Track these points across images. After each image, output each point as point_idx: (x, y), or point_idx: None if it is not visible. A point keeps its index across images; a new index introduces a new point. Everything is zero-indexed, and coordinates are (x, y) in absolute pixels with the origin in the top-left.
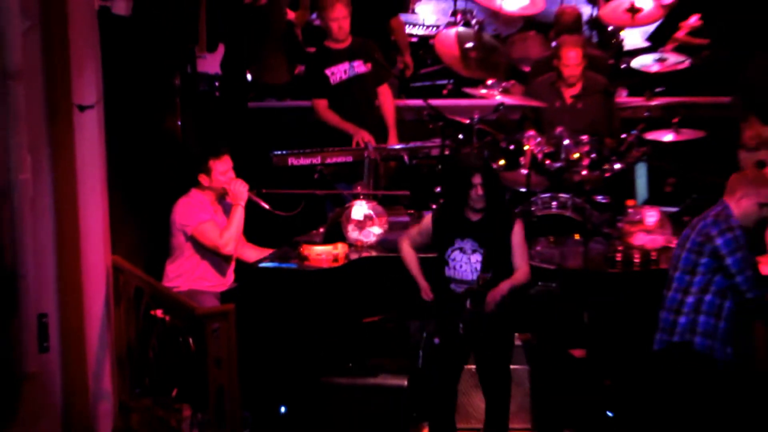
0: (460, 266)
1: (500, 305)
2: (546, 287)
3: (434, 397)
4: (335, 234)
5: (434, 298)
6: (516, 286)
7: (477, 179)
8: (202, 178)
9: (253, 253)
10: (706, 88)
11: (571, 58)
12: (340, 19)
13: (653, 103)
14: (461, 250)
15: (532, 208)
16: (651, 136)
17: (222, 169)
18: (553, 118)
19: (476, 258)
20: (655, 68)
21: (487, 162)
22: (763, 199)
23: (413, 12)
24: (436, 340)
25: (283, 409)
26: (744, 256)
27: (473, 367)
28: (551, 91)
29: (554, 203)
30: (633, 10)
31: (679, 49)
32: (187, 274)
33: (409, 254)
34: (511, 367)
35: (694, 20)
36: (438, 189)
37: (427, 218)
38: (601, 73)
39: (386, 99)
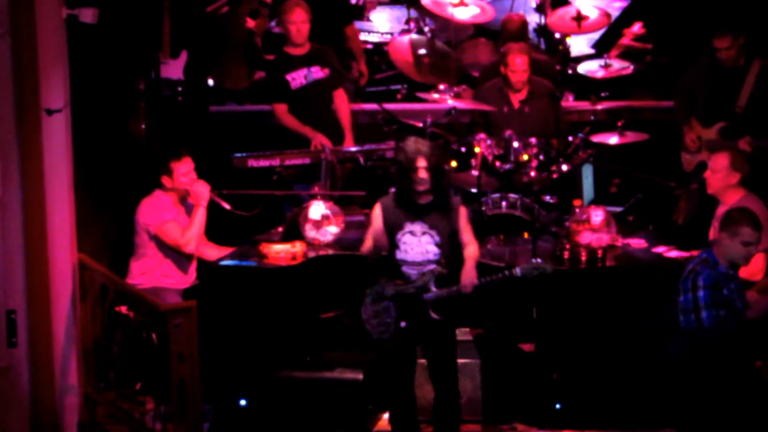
0: (411, 248)
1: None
2: (540, 269)
3: (393, 390)
4: (293, 233)
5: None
6: (476, 260)
7: (421, 162)
8: (165, 180)
9: (213, 252)
10: (649, 91)
11: (518, 65)
12: (298, 23)
13: (599, 107)
14: (411, 233)
15: (483, 208)
16: (597, 138)
17: (183, 170)
18: (501, 122)
19: (426, 240)
20: (600, 74)
21: (432, 146)
22: (747, 238)
23: (368, 20)
24: (403, 324)
25: (242, 402)
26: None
27: (425, 360)
28: (499, 96)
29: (504, 203)
30: (579, 18)
31: (624, 55)
32: (150, 272)
33: (367, 245)
34: (463, 360)
35: (637, 28)
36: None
37: (375, 207)
38: (548, 78)
39: (342, 103)
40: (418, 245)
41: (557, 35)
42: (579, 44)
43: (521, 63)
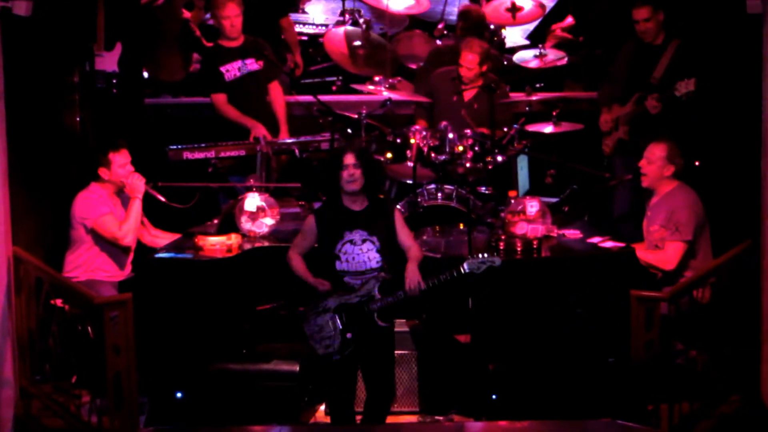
0: (353, 258)
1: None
2: (488, 262)
3: (335, 389)
4: (229, 225)
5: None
6: (419, 261)
7: (349, 159)
8: (102, 171)
9: (162, 240)
10: (583, 83)
11: (468, 61)
12: (232, 17)
13: (534, 98)
14: (351, 242)
15: (419, 199)
16: (532, 128)
17: (121, 161)
18: (448, 110)
19: (368, 247)
20: (534, 63)
21: (360, 144)
22: None
23: (303, 12)
24: (349, 335)
25: (179, 395)
26: None
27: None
28: (450, 85)
29: (440, 194)
30: (513, 9)
31: (558, 46)
32: (86, 265)
33: (296, 261)
34: (400, 351)
35: (568, 21)
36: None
37: (309, 220)
38: (494, 72)
39: (277, 95)
40: (359, 254)
41: (492, 26)
42: (514, 35)
43: (471, 60)
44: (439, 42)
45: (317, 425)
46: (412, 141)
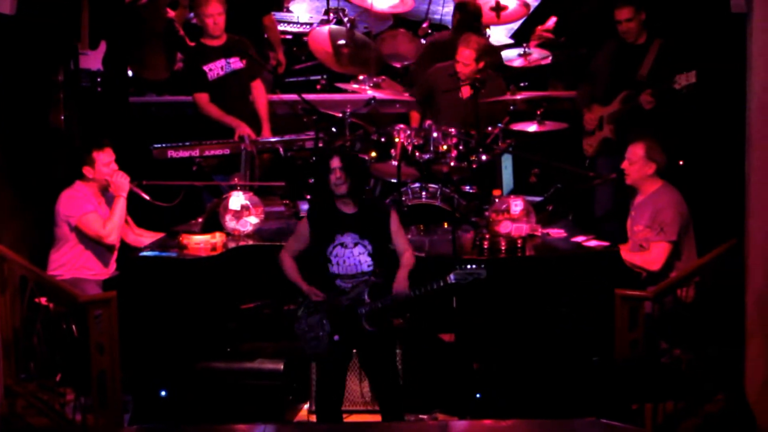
0: (344, 261)
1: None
2: (475, 274)
3: (323, 390)
4: (213, 224)
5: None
6: (410, 269)
7: (335, 163)
8: (87, 170)
9: (145, 239)
10: (565, 82)
11: (465, 57)
12: (215, 16)
13: (518, 96)
14: (342, 245)
15: (403, 198)
16: (516, 127)
17: (105, 160)
18: (447, 104)
19: (359, 251)
20: (518, 62)
21: (346, 148)
22: None
23: (288, 10)
24: (336, 338)
25: (163, 393)
26: None
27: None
28: (449, 80)
29: (424, 193)
30: (498, 8)
31: (541, 46)
32: (70, 263)
33: (288, 265)
34: None
35: (552, 22)
36: (311, 180)
37: (302, 222)
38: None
39: (259, 94)
40: (350, 257)
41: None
42: (498, 34)
43: (468, 55)
44: (423, 41)
45: (301, 424)
46: (397, 140)
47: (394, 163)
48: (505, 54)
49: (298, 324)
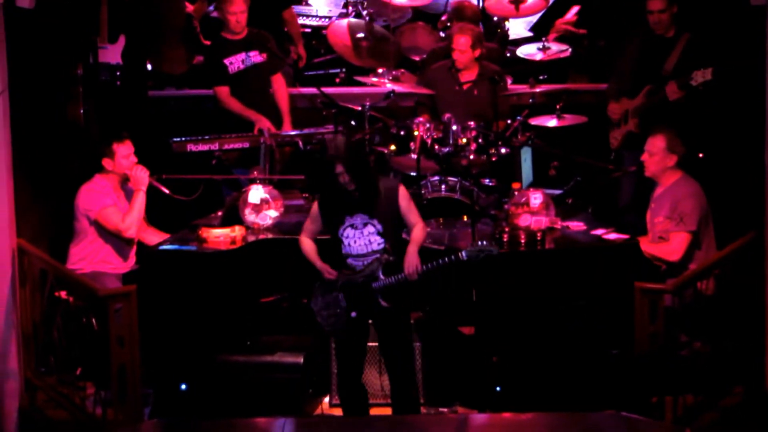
0: (354, 242)
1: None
2: (486, 251)
3: (344, 366)
4: (233, 217)
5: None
6: (420, 243)
7: (339, 168)
8: (106, 162)
9: (154, 237)
10: (587, 75)
11: (461, 44)
12: (238, 14)
13: (537, 90)
14: (353, 226)
15: (422, 191)
16: (535, 121)
17: (125, 152)
18: (449, 101)
19: (369, 230)
20: (539, 57)
21: (347, 149)
22: None
23: (307, 4)
24: (353, 314)
25: (183, 387)
26: None
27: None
28: (448, 76)
29: (443, 186)
30: (517, 1)
31: (561, 39)
32: (90, 257)
33: (307, 245)
34: None
35: (571, 14)
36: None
37: (314, 205)
38: (495, 63)
39: (280, 87)
40: (360, 237)
41: (495, 18)
42: (517, 27)
43: (464, 42)
44: (442, 33)
45: (321, 417)
46: (416, 133)
47: (414, 156)
48: (525, 49)
49: (315, 301)
